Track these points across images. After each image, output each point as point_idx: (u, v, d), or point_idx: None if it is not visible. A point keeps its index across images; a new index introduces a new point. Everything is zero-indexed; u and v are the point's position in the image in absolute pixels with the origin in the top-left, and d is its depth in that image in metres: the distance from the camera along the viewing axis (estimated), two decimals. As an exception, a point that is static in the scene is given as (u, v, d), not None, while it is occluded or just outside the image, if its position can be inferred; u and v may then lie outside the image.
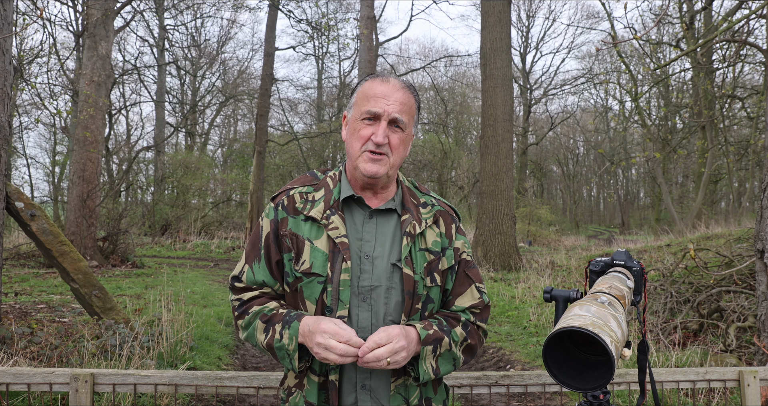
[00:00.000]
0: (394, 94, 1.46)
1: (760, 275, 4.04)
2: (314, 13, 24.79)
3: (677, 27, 18.35)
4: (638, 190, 43.58)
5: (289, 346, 1.37)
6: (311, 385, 1.44)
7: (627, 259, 1.54)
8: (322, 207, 1.47)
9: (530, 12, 33.56)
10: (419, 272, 1.45)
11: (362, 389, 1.43)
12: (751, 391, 2.17)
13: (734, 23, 6.56)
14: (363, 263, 1.44)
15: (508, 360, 5.55)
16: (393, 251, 1.45)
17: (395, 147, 1.46)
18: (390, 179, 1.51)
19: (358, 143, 1.46)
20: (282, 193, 1.54)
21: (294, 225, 1.47)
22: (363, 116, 1.45)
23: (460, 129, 33.12)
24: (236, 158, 29.53)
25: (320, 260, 1.42)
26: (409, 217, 1.49)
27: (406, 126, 1.49)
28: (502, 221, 12.09)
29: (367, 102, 1.45)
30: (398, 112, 1.45)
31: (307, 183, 1.54)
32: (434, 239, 1.50)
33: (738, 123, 19.57)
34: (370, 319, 1.42)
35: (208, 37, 32.78)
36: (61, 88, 16.49)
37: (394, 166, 1.48)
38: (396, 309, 1.43)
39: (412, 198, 1.54)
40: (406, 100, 1.48)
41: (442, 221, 1.54)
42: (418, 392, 1.48)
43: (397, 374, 1.44)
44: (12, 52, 4.43)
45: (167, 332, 4.65)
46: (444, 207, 1.58)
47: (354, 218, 1.49)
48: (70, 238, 10.76)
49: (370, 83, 1.49)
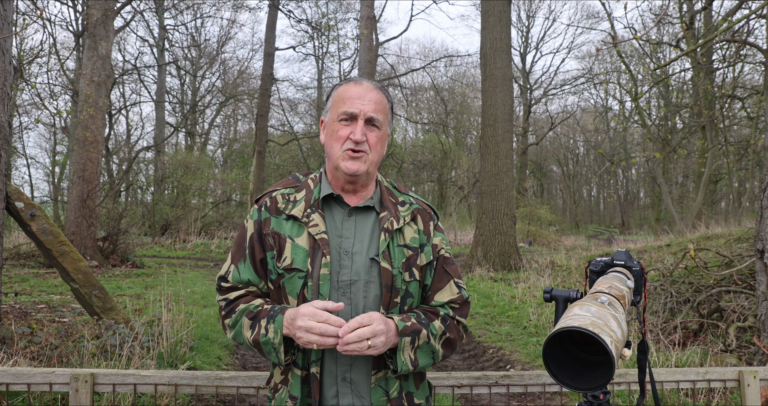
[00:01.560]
0: (368, 94, 1.52)
1: (760, 275, 4.04)
2: (314, 13, 24.82)
3: (677, 27, 18.36)
4: (638, 190, 43.60)
5: (275, 339, 1.40)
6: (294, 379, 1.47)
7: (627, 259, 1.54)
8: (302, 206, 1.52)
9: (530, 12, 33.57)
10: (397, 266, 1.49)
11: (343, 381, 1.46)
12: (751, 391, 2.17)
13: (734, 23, 6.56)
14: (342, 259, 1.48)
15: (508, 360, 5.55)
16: (371, 246, 1.50)
17: (373, 145, 1.52)
18: (370, 177, 1.56)
19: (338, 144, 1.51)
20: (265, 195, 1.60)
21: (276, 225, 1.52)
22: (340, 118, 1.51)
23: (460, 129, 33.13)
24: (236, 158, 29.54)
25: (301, 256, 1.47)
26: (387, 214, 1.54)
27: (382, 124, 1.54)
28: (502, 221, 12.10)
29: (343, 104, 1.51)
30: (374, 112, 1.51)
31: (289, 185, 1.61)
32: (412, 235, 1.55)
33: (738, 123, 19.58)
34: (350, 313, 1.46)
35: (208, 37, 32.78)
36: (61, 88, 16.49)
37: (373, 163, 1.53)
38: (375, 302, 1.47)
39: (390, 197, 1.60)
40: (380, 100, 1.54)
41: (420, 219, 1.59)
42: (398, 385, 1.50)
43: (378, 367, 1.47)
44: (12, 52, 4.43)
45: (167, 332, 4.65)
46: (422, 205, 1.63)
47: (334, 216, 1.54)
48: (70, 238, 10.76)
49: (345, 87, 1.55)
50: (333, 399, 1.46)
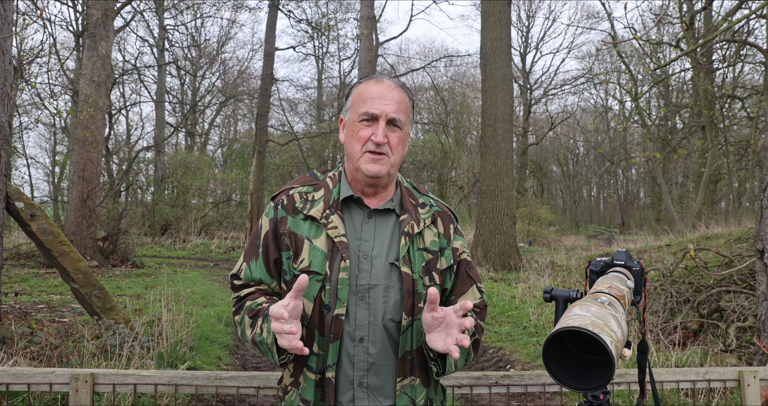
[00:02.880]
0: (389, 93, 1.47)
1: (760, 275, 4.04)
2: (314, 13, 24.78)
3: (677, 27, 18.36)
4: (638, 190, 43.58)
5: (268, 339, 1.37)
6: (308, 383, 1.44)
7: (627, 259, 1.54)
8: (321, 206, 1.48)
9: (530, 12, 33.56)
10: (417, 270, 1.46)
11: (359, 386, 1.43)
12: (751, 391, 2.17)
13: (734, 23, 6.56)
14: (361, 262, 1.44)
15: (508, 360, 5.55)
16: (391, 250, 1.47)
17: (395, 146, 1.48)
18: (391, 179, 1.53)
19: (359, 145, 1.47)
20: (282, 192, 1.55)
21: (293, 224, 1.48)
22: (361, 118, 1.47)
23: (460, 129, 33.11)
24: (236, 158, 29.52)
25: (319, 258, 1.43)
26: (407, 217, 1.50)
27: (404, 125, 1.50)
28: (502, 221, 12.09)
29: (364, 104, 1.47)
30: (395, 112, 1.47)
31: (306, 183, 1.56)
32: (432, 238, 1.52)
33: (738, 123, 19.56)
34: (368, 317, 1.43)
35: (208, 37, 32.79)
36: (61, 88, 16.49)
37: (394, 165, 1.49)
38: (395, 308, 1.44)
39: (411, 199, 1.56)
40: (402, 99, 1.50)
41: (440, 222, 1.56)
42: (425, 393, 1.48)
43: (403, 374, 1.44)
44: (12, 52, 4.43)
45: (167, 332, 4.65)
46: (442, 208, 1.60)
47: (353, 218, 1.50)
48: (70, 238, 10.76)
49: (365, 85, 1.50)
50: (349, 403, 1.43)
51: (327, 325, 1.41)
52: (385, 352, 1.43)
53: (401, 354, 1.43)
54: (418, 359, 1.45)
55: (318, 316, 1.42)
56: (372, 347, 1.42)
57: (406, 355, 1.44)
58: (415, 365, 1.45)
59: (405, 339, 1.43)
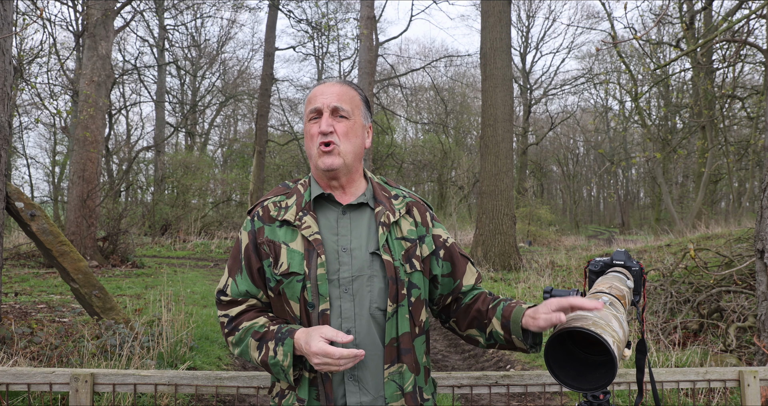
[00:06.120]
0: (330, 89, 1.54)
1: (760, 275, 4.04)
2: (314, 13, 24.81)
3: (677, 27, 18.36)
4: (638, 190, 43.61)
5: (284, 362, 1.40)
6: (303, 382, 1.46)
7: (626, 259, 1.54)
8: (294, 210, 1.52)
9: (530, 12, 33.58)
10: (398, 258, 1.49)
11: (350, 379, 1.45)
12: (751, 391, 2.17)
13: (734, 23, 6.56)
14: (341, 256, 1.47)
15: (508, 360, 5.55)
16: (370, 241, 1.50)
17: (343, 134, 1.51)
18: (350, 169, 1.55)
19: (312, 143, 1.53)
20: (257, 205, 1.60)
21: (270, 232, 1.52)
22: (309, 117, 1.54)
23: (460, 129, 33.14)
24: (236, 158, 29.55)
25: (297, 259, 1.46)
26: (382, 208, 1.54)
27: (350, 114, 1.53)
28: (502, 221, 12.10)
29: (310, 104, 1.54)
30: (337, 101, 1.51)
31: (279, 193, 1.61)
32: (409, 227, 1.55)
33: (738, 123, 19.57)
34: (353, 309, 1.45)
35: (208, 37, 32.83)
36: (61, 88, 16.49)
37: (348, 154, 1.52)
38: (380, 296, 1.46)
39: (383, 192, 1.60)
40: (344, 92, 1.55)
41: (416, 211, 1.60)
42: (413, 380, 1.50)
43: (390, 361, 1.47)
44: (12, 52, 4.43)
45: (167, 332, 4.65)
46: (415, 198, 1.65)
47: (327, 215, 1.53)
48: (70, 238, 10.76)
49: (313, 90, 1.58)
50: (341, 399, 1.45)
51: (314, 322, 1.44)
52: (372, 341, 1.45)
53: (387, 341, 1.46)
54: (404, 345, 1.48)
55: (305, 315, 1.45)
56: (359, 338, 1.45)
57: (392, 341, 1.46)
58: (402, 350, 1.48)
59: (391, 326, 1.46)
